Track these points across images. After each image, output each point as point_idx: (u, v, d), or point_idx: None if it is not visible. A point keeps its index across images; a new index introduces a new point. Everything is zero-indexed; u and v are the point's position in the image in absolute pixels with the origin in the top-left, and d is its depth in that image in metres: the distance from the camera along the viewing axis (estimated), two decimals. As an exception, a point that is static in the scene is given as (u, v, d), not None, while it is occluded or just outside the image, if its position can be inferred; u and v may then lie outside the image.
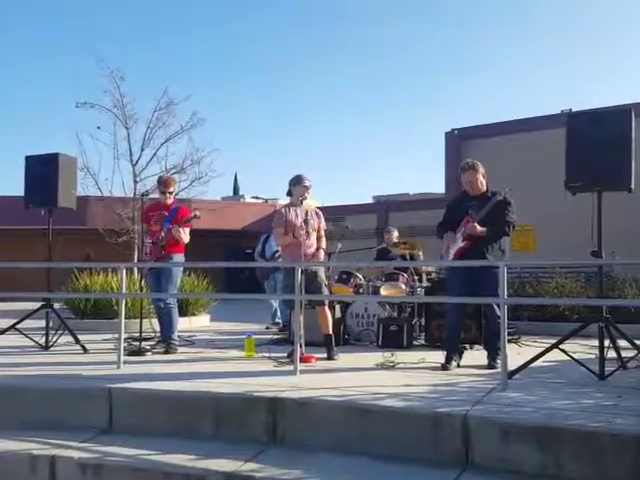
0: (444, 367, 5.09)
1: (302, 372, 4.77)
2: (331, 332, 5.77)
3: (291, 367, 4.85)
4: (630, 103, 8.65)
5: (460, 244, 5.24)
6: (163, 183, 6.50)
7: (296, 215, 5.74)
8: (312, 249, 5.80)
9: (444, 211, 5.62)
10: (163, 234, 6.11)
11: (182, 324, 6.68)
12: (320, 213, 5.99)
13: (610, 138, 4.67)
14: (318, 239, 5.89)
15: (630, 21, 61.93)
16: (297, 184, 5.80)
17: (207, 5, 53.54)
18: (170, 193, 6.42)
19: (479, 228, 5.13)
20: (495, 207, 5.17)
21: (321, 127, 66.82)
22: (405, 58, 62.94)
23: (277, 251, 9.01)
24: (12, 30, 45.16)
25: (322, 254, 5.97)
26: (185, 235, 6.25)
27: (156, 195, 6.90)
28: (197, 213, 6.27)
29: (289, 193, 5.94)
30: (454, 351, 5.26)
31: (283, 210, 5.89)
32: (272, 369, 5.08)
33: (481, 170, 5.35)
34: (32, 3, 45.70)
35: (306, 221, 5.70)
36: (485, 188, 5.38)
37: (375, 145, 69.45)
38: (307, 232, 5.71)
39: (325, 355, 5.63)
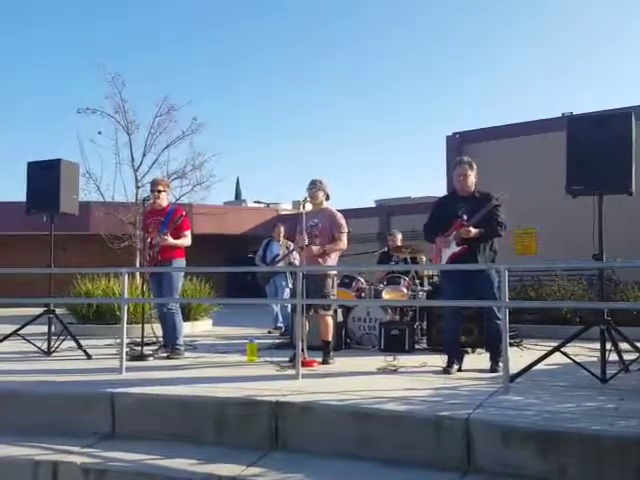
0: (446, 371, 5.09)
1: (304, 376, 4.77)
2: (330, 339, 5.75)
3: (293, 371, 4.86)
4: (630, 106, 8.66)
5: (454, 248, 5.17)
6: (152, 183, 6.58)
7: (302, 221, 5.70)
8: (315, 253, 5.73)
9: (430, 212, 5.53)
10: (158, 239, 6.12)
11: (184, 329, 6.68)
12: (334, 215, 5.81)
13: (611, 141, 4.67)
14: (333, 241, 5.74)
15: (631, 23, 61.99)
16: (307, 188, 5.79)
17: (208, 10, 53.71)
18: (159, 192, 6.36)
19: (474, 231, 5.09)
20: (484, 209, 5.14)
21: (323, 132, 66.89)
22: (407, 61, 63.04)
23: (277, 255, 9.04)
24: (13, 37, 45.33)
25: (331, 258, 5.80)
26: (186, 239, 6.25)
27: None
28: (184, 213, 6.29)
29: None
30: (455, 354, 5.26)
31: (299, 216, 5.85)
32: (274, 373, 5.08)
33: (475, 170, 5.33)
34: (33, 8, 45.87)
35: (315, 225, 5.69)
36: (473, 189, 5.34)
37: (377, 149, 69.48)
38: (315, 235, 5.69)
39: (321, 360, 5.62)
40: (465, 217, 5.12)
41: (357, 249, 9.02)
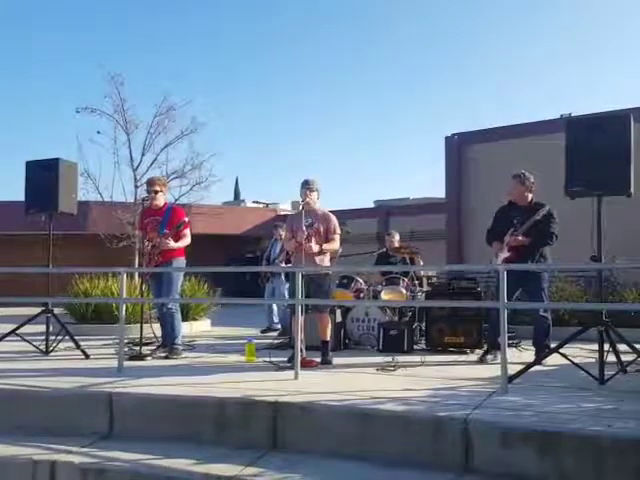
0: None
1: (303, 376, 4.77)
2: (328, 339, 5.76)
3: (292, 371, 4.86)
4: (629, 108, 8.67)
5: (506, 254, 5.57)
6: (148, 183, 6.55)
7: (299, 219, 5.72)
8: (314, 252, 5.74)
9: (493, 219, 5.95)
10: (159, 240, 6.11)
11: (183, 329, 6.68)
12: (329, 216, 5.85)
13: (609, 143, 4.67)
14: (327, 242, 5.76)
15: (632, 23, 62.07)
16: (301, 188, 5.81)
17: (207, 10, 53.75)
18: (156, 192, 6.35)
19: (521, 239, 5.48)
20: (529, 221, 5.48)
21: (322, 132, 66.95)
22: (405, 62, 63.11)
23: (278, 256, 9.04)
24: (14, 38, 45.32)
25: (327, 258, 5.85)
26: (185, 239, 6.24)
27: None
28: (186, 219, 6.29)
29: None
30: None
31: (290, 215, 6.01)
32: (273, 373, 5.08)
33: (527, 183, 5.69)
34: (33, 12, 45.88)
35: (310, 225, 5.70)
36: (530, 199, 5.68)
37: (376, 149, 69.57)
38: (311, 235, 5.70)
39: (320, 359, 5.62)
40: (518, 227, 5.54)
41: (356, 249, 9.03)
